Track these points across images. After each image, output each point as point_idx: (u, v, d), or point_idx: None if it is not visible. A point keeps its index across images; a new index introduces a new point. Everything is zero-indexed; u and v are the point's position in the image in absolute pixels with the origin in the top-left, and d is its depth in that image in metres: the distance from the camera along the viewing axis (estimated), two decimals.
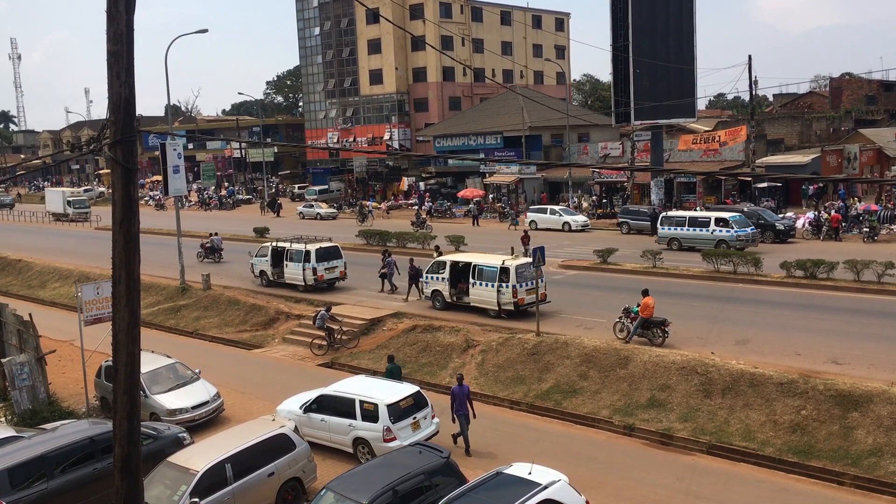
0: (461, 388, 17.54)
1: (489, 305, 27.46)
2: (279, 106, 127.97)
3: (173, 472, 14.09)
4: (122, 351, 8.03)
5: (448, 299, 28.86)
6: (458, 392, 17.51)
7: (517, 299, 26.69)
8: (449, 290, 28.87)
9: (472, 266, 28.10)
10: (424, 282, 29.69)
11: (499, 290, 26.97)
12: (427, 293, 29.64)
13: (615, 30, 51.10)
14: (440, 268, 29.12)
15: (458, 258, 29.60)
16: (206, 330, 30.33)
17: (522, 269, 26.81)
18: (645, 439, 18.24)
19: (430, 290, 29.44)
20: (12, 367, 20.36)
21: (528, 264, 26.65)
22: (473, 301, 28.04)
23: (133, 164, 7.89)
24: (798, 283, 29.40)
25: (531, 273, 26.13)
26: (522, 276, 26.73)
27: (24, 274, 43.58)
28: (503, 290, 26.89)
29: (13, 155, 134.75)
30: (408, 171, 75.73)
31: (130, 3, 7.62)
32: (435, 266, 29.40)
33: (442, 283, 29.01)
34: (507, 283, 26.77)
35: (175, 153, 30.37)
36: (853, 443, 16.42)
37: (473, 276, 27.91)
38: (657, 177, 51.56)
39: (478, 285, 27.75)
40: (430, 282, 29.42)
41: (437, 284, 29.16)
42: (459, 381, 17.73)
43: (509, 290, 26.72)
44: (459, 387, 17.56)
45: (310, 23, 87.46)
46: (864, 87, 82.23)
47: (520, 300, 26.72)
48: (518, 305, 26.80)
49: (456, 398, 17.50)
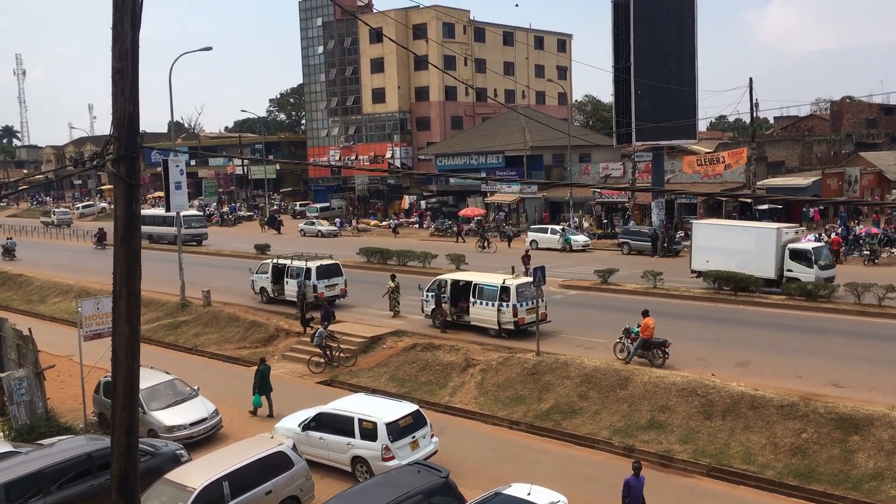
0: (637, 479, 14.02)
1: (489, 324, 27.36)
2: (282, 123, 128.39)
3: (170, 490, 14.02)
4: (121, 367, 8.01)
5: (449, 318, 28.77)
6: (635, 484, 14.01)
7: (517, 318, 26.61)
8: (449, 308, 28.79)
9: (472, 285, 28.03)
10: (424, 300, 29.56)
11: (499, 309, 26.89)
12: (427, 311, 29.48)
13: (617, 51, 51.37)
14: (441, 287, 29.08)
15: (459, 277, 29.55)
16: (206, 346, 30.27)
17: (523, 289, 26.80)
18: (645, 460, 18.05)
19: (429, 308, 29.27)
20: (11, 381, 20.29)
21: (528, 283, 26.67)
22: (474, 320, 27.95)
23: (136, 180, 7.91)
24: (799, 306, 29.37)
25: (531, 292, 26.15)
26: (523, 295, 26.70)
27: (24, 288, 43.57)
28: (504, 310, 26.80)
29: (16, 170, 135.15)
30: (409, 190, 75.90)
31: (136, 20, 7.67)
32: (435, 285, 29.33)
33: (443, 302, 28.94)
34: (508, 303, 26.69)
35: (177, 169, 30.39)
36: (854, 466, 16.34)
37: (474, 295, 27.82)
38: (658, 197, 51.65)
39: (478, 304, 27.66)
40: (430, 300, 29.22)
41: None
42: (636, 472, 14.04)
43: (510, 309, 26.64)
44: (636, 478, 14.02)
45: (313, 41, 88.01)
46: (865, 111, 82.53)
47: (520, 319, 26.65)
48: (518, 325, 26.71)
49: (631, 491, 14.01)
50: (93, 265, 47.98)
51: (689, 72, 51.95)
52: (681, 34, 51.81)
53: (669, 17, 51.51)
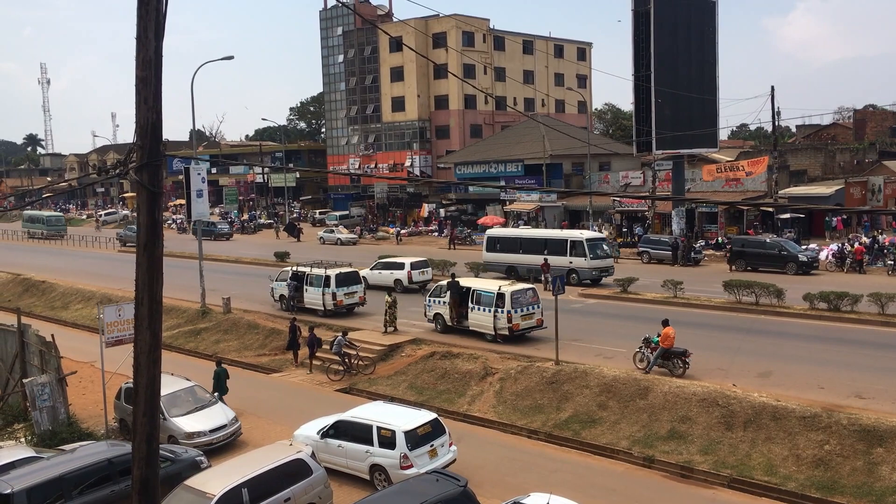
0: None
1: (486, 330, 27.91)
2: (302, 132, 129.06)
3: (190, 496, 14.07)
4: (142, 373, 8.07)
5: (448, 322, 29.37)
6: None
7: (512, 324, 27.17)
8: (450, 313, 29.35)
9: (471, 291, 28.58)
10: (427, 305, 30.26)
11: (495, 314, 27.45)
12: (430, 316, 30.21)
13: (637, 59, 51.21)
14: (442, 291, 29.81)
15: (462, 283, 30.08)
16: (226, 353, 30.39)
17: (518, 295, 27.43)
18: (664, 471, 18.01)
19: (432, 312, 30.09)
20: (33, 387, 20.49)
21: (524, 290, 27.71)
22: (472, 325, 28.58)
23: (158, 188, 7.98)
24: (821, 316, 29.06)
25: (527, 299, 27.43)
26: (518, 301, 27.35)
27: (47, 295, 44.03)
28: (499, 315, 27.35)
29: (40, 178, 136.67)
30: (428, 198, 75.99)
31: (159, 29, 7.75)
32: (437, 290, 30.13)
33: (443, 306, 29.61)
34: (503, 309, 27.21)
35: (199, 177, 30.71)
36: (877, 479, 16.11)
37: (472, 301, 28.44)
38: (678, 206, 51.37)
39: (476, 310, 28.28)
40: (432, 305, 30.07)
41: (439, 308, 29.83)
42: None
43: (504, 315, 27.17)
44: None
45: (334, 50, 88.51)
46: (889, 119, 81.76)
47: (514, 325, 27.22)
48: (513, 331, 27.25)
49: None
50: (116, 272, 48.45)
51: (710, 80, 51.73)
52: (702, 42, 51.62)
53: (690, 25, 51.36)
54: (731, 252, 42.52)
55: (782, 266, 39.55)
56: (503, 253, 41.58)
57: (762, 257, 40.66)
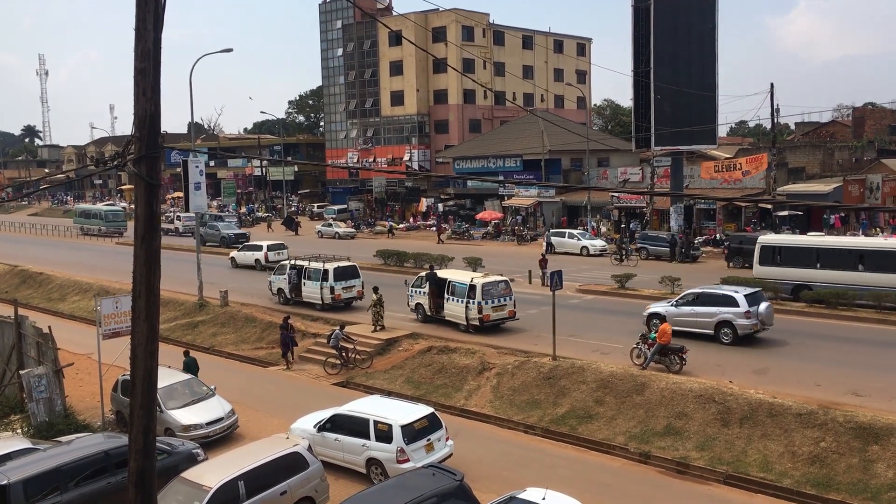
0: None
1: (459, 320, 28.77)
2: (300, 125, 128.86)
3: (186, 488, 14.08)
4: (139, 365, 8.07)
5: (428, 312, 30.22)
6: None
7: (482, 315, 27.93)
8: (429, 303, 30.17)
9: (447, 282, 29.39)
10: (410, 295, 31.12)
11: (467, 305, 28.20)
12: (412, 305, 31.07)
13: (637, 55, 51.17)
14: (422, 282, 30.62)
15: (439, 274, 30.78)
16: (223, 346, 30.41)
17: (489, 287, 28.22)
18: (661, 467, 18.05)
19: (413, 303, 31.00)
20: (30, 378, 20.49)
21: (496, 282, 28.57)
22: (447, 315, 29.42)
23: (157, 179, 7.97)
24: (818, 313, 29.11)
25: (499, 291, 28.37)
26: (489, 293, 28.11)
27: (44, 287, 43.98)
28: (470, 306, 28.09)
29: (38, 169, 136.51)
30: (427, 193, 75.95)
31: (158, 21, 7.73)
32: (419, 280, 31.03)
33: (423, 297, 30.42)
34: (474, 300, 27.95)
35: (197, 170, 30.64)
36: (873, 476, 16.15)
37: (447, 292, 29.24)
38: (677, 202, 51.35)
39: (451, 300, 29.07)
40: (414, 295, 30.95)
41: (420, 298, 30.66)
42: None
43: (475, 306, 27.93)
44: None
45: (333, 44, 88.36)
46: (888, 117, 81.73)
47: (485, 316, 27.97)
48: (483, 321, 27.96)
49: None
50: (114, 265, 48.39)
51: (710, 76, 51.61)
52: (701, 39, 51.49)
53: (690, 22, 51.24)
54: (729, 249, 42.52)
55: None
56: (787, 267, 32.21)
57: None
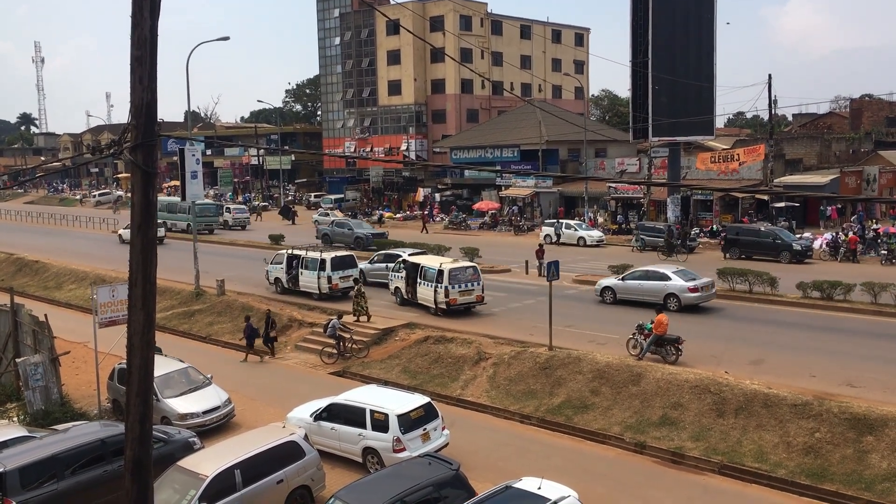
0: None
1: (429, 303, 30.03)
2: (297, 114, 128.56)
3: (183, 477, 14.11)
4: (136, 354, 8.06)
5: (405, 296, 31.52)
6: None
7: (449, 299, 29.22)
8: (405, 287, 31.47)
9: (419, 267, 30.60)
10: (390, 280, 32.81)
11: (436, 289, 29.42)
12: (391, 289, 32.57)
13: (635, 46, 51.05)
14: (400, 268, 32.16)
15: (413, 259, 31.90)
16: (219, 335, 30.41)
17: (456, 272, 29.53)
18: (656, 457, 18.11)
19: (392, 287, 32.54)
20: (26, 367, 20.49)
21: (463, 268, 29.96)
22: (419, 298, 30.61)
23: (153, 167, 7.94)
24: (814, 305, 29.16)
25: (466, 276, 29.63)
26: (456, 278, 29.35)
27: (40, 275, 43.90)
28: (439, 290, 29.33)
29: (34, 157, 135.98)
30: (424, 182, 75.86)
31: (155, 8, 7.69)
32: (397, 266, 32.58)
33: (401, 281, 31.78)
34: (442, 284, 29.18)
35: (193, 159, 30.54)
36: (867, 467, 16.22)
37: (420, 277, 30.48)
38: (674, 193, 51.36)
39: (423, 285, 30.29)
40: (393, 280, 32.57)
41: (398, 282, 32.12)
42: None
43: (443, 290, 29.17)
44: None
45: (330, 33, 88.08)
46: (885, 109, 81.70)
47: (452, 300, 29.26)
48: (450, 305, 29.29)
49: None
50: (110, 254, 48.30)
51: (708, 67, 51.55)
52: (700, 29, 51.40)
53: (688, 12, 51.15)
54: (726, 240, 42.56)
55: (776, 255, 39.63)
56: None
57: (756, 246, 40.74)
